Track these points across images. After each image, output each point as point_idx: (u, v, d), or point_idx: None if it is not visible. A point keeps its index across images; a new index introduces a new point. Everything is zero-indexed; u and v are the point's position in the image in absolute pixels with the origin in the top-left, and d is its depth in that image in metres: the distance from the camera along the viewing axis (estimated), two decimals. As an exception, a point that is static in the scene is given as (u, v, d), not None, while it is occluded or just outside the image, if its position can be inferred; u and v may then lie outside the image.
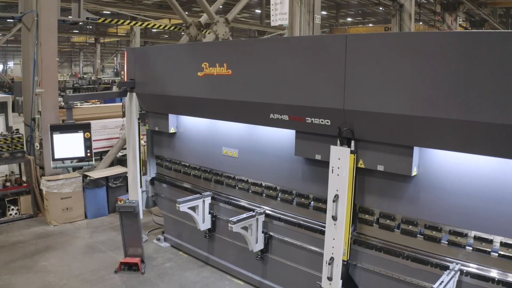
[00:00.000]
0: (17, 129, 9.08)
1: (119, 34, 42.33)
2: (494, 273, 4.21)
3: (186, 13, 12.42)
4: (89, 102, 18.62)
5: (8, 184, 8.83)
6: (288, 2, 12.06)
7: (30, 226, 8.53)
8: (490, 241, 4.22)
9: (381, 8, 24.58)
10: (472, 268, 4.33)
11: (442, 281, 4.07)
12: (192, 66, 6.16)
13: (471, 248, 4.34)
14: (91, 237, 8.07)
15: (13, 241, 7.83)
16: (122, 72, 44.54)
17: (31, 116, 9.04)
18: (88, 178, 8.87)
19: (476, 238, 4.31)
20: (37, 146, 8.91)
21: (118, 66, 53.41)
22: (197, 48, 6.57)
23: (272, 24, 12.97)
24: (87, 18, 9.96)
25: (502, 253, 4.15)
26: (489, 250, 4.22)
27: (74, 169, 9.43)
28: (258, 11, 33.76)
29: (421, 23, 30.11)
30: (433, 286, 3.98)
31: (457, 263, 4.38)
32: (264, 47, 5.56)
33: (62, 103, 9.24)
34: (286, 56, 5.17)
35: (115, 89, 31.76)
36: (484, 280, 4.23)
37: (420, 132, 4.24)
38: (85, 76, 43.53)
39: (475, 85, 3.79)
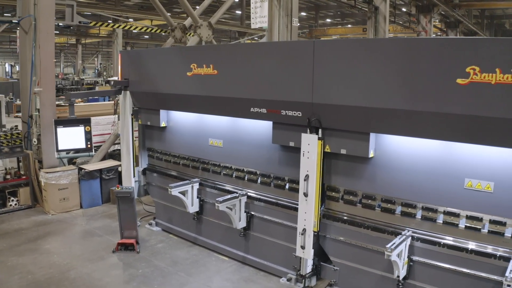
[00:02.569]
0: (16, 126, 9.74)
1: (100, 35, 42.64)
2: (439, 238, 5.04)
3: (168, 14, 13.13)
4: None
5: (8, 176, 9.47)
6: (267, 6, 12.79)
7: (29, 216, 9.17)
8: (435, 211, 5.06)
9: (357, 11, 25.38)
10: (422, 234, 5.16)
11: (394, 243, 4.89)
12: (181, 67, 6.92)
13: (420, 217, 5.18)
14: (87, 224, 8.77)
15: (15, 228, 8.47)
16: (105, 73, 44.88)
17: (29, 114, 9.68)
18: (83, 170, 9.55)
19: (423, 208, 5.15)
20: (34, 142, 9.56)
21: (99, 66, 53.53)
22: (187, 51, 7.35)
23: (252, 26, 13.66)
24: (80, 22, 10.64)
25: (445, 220, 4.99)
26: (435, 218, 5.06)
27: (70, 162, 10.14)
28: (238, 12, 34.42)
29: (400, 23, 31.07)
30: (386, 246, 4.83)
31: (408, 230, 5.22)
32: (246, 50, 6.44)
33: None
34: (264, 58, 6.00)
35: (97, 89, 32.17)
36: (431, 244, 5.07)
37: (374, 120, 5.09)
38: (68, 76, 43.73)
39: (418, 81, 4.65)
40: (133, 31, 37.97)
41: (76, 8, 10.53)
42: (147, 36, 47.59)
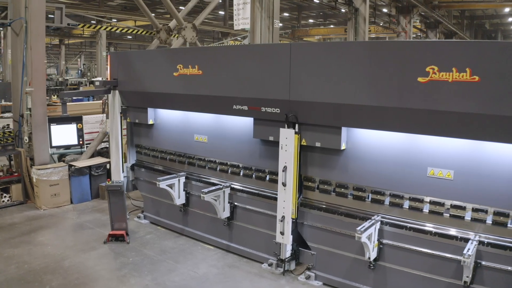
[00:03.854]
0: (8, 125, 10.09)
1: (84, 35, 42.65)
2: (406, 222, 5.56)
3: (152, 15, 13.55)
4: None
5: (0, 174, 9.81)
6: (249, 8, 13.22)
7: (21, 211, 9.50)
8: (402, 197, 5.58)
9: (341, 11, 25.90)
10: (390, 219, 5.68)
11: (364, 226, 5.40)
12: (168, 67, 7.36)
13: (388, 203, 5.70)
14: (78, 217, 9.15)
15: (8, 223, 8.81)
16: (88, 73, 44.90)
17: (20, 113, 10.02)
18: (73, 167, 9.93)
19: (391, 195, 5.66)
20: (26, 140, 9.90)
21: (82, 67, 53.40)
22: (173, 52, 7.82)
23: (235, 28, 14.07)
24: (68, 24, 11.01)
25: (411, 205, 5.51)
26: (401, 204, 5.58)
27: (59, 159, 10.51)
28: (221, 12, 34.78)
29: (380, 24, 31.65)
30: (357, 228, 5.32)
31: (378, 215, 5.74)
32: (229, 52, 6.89)
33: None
34: (246, 60, 6.50)
35: (81, 89, 32.25)
36: (399, 227, 5.59)
37: (345, 115, 5.60)
38: (51, 77, 43.60)
39: (383, 80, 5.18)
40: (117, 31, 38.21)
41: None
42: (130, 37, 47.72)
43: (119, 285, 6.38)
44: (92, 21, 30.63)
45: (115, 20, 30.73)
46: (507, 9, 32.62)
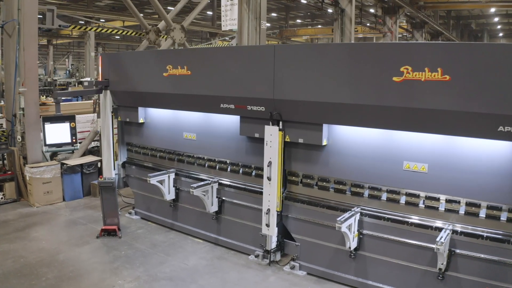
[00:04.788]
0: (1, 124, 10.31)
1: (72, 36, 42.59)
2: (384, 213, 5.90)
3: (141, 15, 13.79)
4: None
5: (-7, 172, 10.05)
6: (237, 9, 13.48)
7: (15, 208, 9.72)
8: (380, 190, 5.93)
9: (328, 12, 26.19)
10: (369, 210, 6.02)
11: (344, 216, 5.73)
12: (158, 68, 7.65)
13: (367, 195, 6.04)
14: (71, 214, 9.39)
15: (3, 220, 9.02)
16: (77, 74, 44.82)
17: (13, 112, 10.24)
18: (65, 165, 10.17)
19: (370, 188, 6.00)
20: (19, 139, 10.13)
21: (70, 67, 53.18)
22: (163, 54, 8.11)
23: (223, 28, 14.33)
24: (60, 26, 11.24)
25: (388, 197, 5.86)
26: (380, 196, 5.93)
27: (52, 157, 10.75)
28: (209, 13, 35.01)
29: (367, 25, 32.01)
30: (337, 219, 5.65)
31: (357, 207, 6.08)
32: (216, 53, 7.22)
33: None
34: (232, 60, 6.81)
35: (70, 89, 32.28)
36: (377, 218, 5.94)
37: (326, 113, 5.94)
38: (40, 77, 43.40)
39: (361, 79, 5.53)
40: (106, 32, 38.16)
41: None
42: (119, 37, 47.73)
43: (112, 276, 6.66)
44: (80, 21, 30.65)
45: (103, 21, 30.84)
46: (492, 9, 33.20)
